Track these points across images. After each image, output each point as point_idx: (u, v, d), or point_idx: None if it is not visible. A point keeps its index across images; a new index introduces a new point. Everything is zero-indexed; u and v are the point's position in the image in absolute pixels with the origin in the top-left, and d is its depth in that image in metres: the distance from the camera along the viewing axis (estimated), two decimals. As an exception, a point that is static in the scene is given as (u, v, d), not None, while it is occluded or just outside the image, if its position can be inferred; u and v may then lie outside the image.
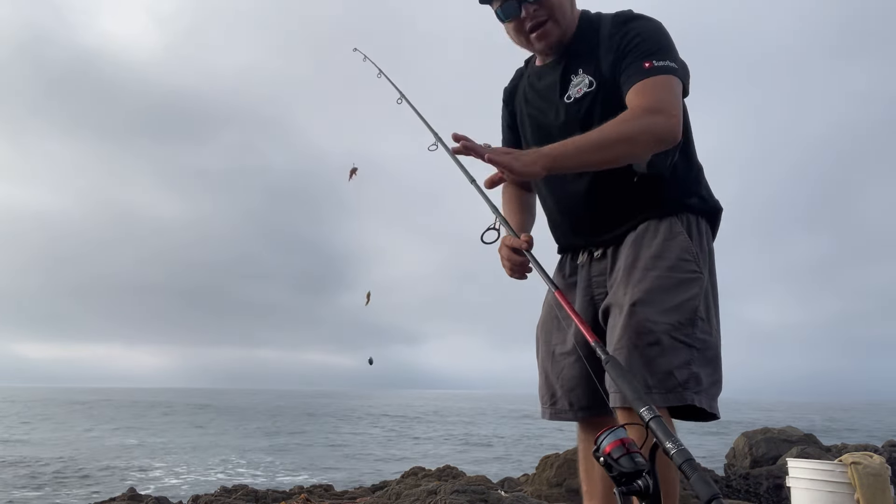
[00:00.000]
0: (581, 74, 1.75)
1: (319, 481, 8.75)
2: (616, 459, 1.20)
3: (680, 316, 1.60)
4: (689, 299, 1.62)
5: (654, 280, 1.61)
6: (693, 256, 1.67)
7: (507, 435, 28.80)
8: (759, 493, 6.61)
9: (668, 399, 1.55)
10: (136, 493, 6.38)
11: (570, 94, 1.77)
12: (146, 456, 18.52)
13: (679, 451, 1.08)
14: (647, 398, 1.23)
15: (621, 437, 1.22)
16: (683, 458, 1.06)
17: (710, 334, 1.65)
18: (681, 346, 1.59)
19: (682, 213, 1.72)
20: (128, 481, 12.19)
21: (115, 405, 58.71)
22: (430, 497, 4.26)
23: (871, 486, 3.47)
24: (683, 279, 1.63)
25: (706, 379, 1.62)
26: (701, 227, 1.75)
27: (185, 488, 12.25)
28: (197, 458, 18.29)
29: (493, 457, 19.47)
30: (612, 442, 1.21)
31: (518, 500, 4.26)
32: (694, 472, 1.04)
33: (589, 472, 1.89)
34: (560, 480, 5.87)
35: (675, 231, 1.68)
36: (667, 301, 1.60)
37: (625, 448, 1.20)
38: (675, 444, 1.10)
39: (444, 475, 6.77)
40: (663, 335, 1.57)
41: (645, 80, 1.60)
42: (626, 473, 1.18)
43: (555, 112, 1.82)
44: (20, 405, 56.39)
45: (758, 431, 8.69)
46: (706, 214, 1.78)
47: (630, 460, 1.19)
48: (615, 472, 1.20)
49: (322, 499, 6.19)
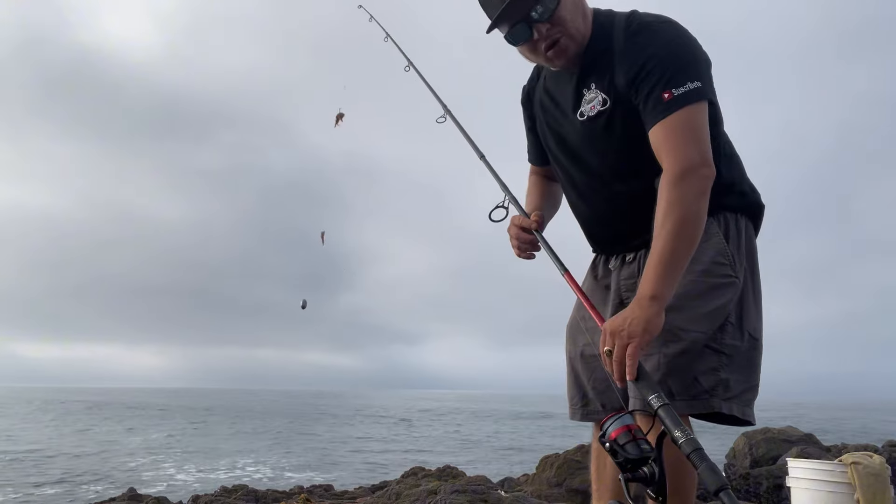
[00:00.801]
0: (594, 90, 1.67)
1: (320, 481, 8.74)
2: (622, 446, 1.20)
3: (711, 324, 1.56)
4: (722, 306, 1.58)
5: (687, 285, 1.56)
6: (728, 259, 1.62)
7: (506, 435, 28.79)
8: (759, 493, 6.61)
9: (693, 406, 1.52)
10: (136, 493, 6.38)
11: (584, 111, 1.69)
12: (149, 455, 18.51)
13: (688, 440, 1.08)
14: (657, 387, 1.22)
15: (628, 423, 1.23)
16: (692, 448, 1.06)
17: (741, 339, 1.61)
18: (709, 353, 1.56)
19: (718, 212, 1.65)
20: (130, 481, 12.19)
21: (116, 405, 58.70)
22: (430, 497, 4.26)
23: (871, 486, 3.47)
24: (717, 284, 1.59)
25: (737, 385, 1.58)
26: (740, 226, 1.69)
27: (195, 486, 12.24)
28: (197, 457, 18.28)
29: (493, 457, 19.46)
30: (618, 428, 1.22)
31: (518, 500, 4.26)
32: (703, 462, 1.04)
33: (600, 472, 1.86)
34: (560, 480, 5.87)
35: (711, 233, 1.63)
36: (698, 307, 1.56)
37: (631, 434, 1.21)
38: (684, 433, 1.09)
39: (444, 475, 6.77)
40: (691, 343, 1.54)
41: (666, 120, 1.52)
42: (631, 460, 1.18)
43: (570, 127, 1.76)
44: (20, 405, 56.36)
45: (758, 431, 8.68)
46: (746, 211, 1.72)
47: (636, 447, 1.19)
48: (620, 459, 1.20)
49: (322, 499, 6.19)
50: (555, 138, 1.84)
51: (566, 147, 1.80)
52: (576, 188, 1.84)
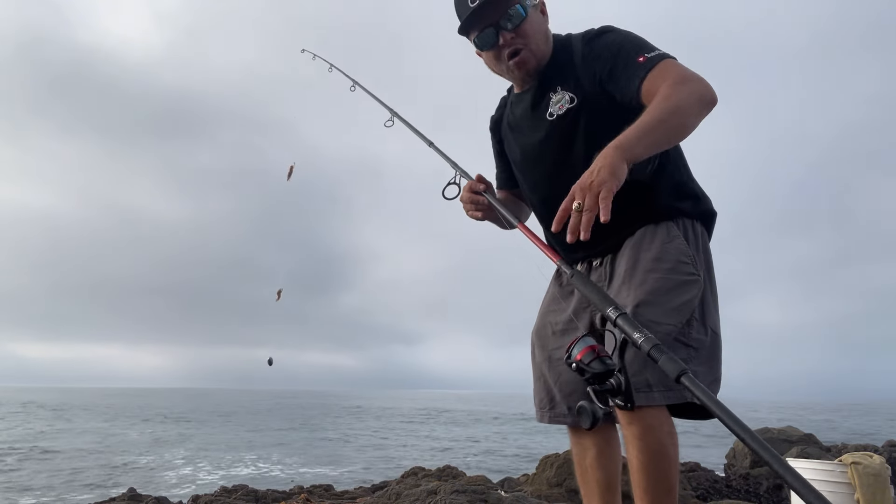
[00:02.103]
0: (560, 91, 1.79)
1: (320, 481, 8.74)
2: (588, 364, 1.31)
3: (681, 317, 1.63)
4: (688, 301, 1.65)
5: (656, 282, 1.64)
6: (690, 259, 1.70)
7: (506, 435, 28.80)
8: (759, 493, 6.61)
9: (668, 396, 1.57)
10: (136, 493, 6.37)
11: (553, 112, 1.80)
12: (150, 455, 18.52)
13: (647, 338, 1.13)
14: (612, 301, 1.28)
15: (591, 343, 1.34)
16: (651, 345, 1.12)
17: (705, 334, 1.68)
18: (679, 346, 1.62)
19: (677, 217, 1.75)
20: (135, 481, 12.19)
21: (117, 405, 58.70)
22: (430, 497, 4.26)
23: (871, 486, 3.47)
24: (683, 281, 1.66)
25: (704, 377, 1.64)
26: (697, 231, 1.78)
27: (209, 484, 12.25)
28: (199, 457, 18.29)
29: (492, 457, 19.47)
30: (582, 349, 1.34)
31: (518, 500, 4.26)
32: (662, 355, 1.09)
33: (584, 478, 1.90)
34: (560, 480, 5.87)
35: (673, 234, 1.72)
36: (668, 302, 1.63)
37: (595, 353, 1.32)
38: (643, 333, 1.14)
39: (444, 475, 6.77)
40: (663, 336, 1.59)
41: (652, 70, 1.60)
42: (597, 374, 1.30)
43: (539, 132, 1.85)
44: (20, 405, 56.36)
45: (758, 431, 8.68)
46: (700, 217, 1.81)
47: (601, 363, 1.31)
48: (587, 375, 1.31)
49: (322, 499, 6.19)
50: (521, 150, 1.94)
51: (534, 152, 1.88)
52: (544, 195, 1.91)
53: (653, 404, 1.55)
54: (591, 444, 1.87)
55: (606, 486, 1.85)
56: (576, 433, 1.90)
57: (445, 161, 1.98)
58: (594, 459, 1.86)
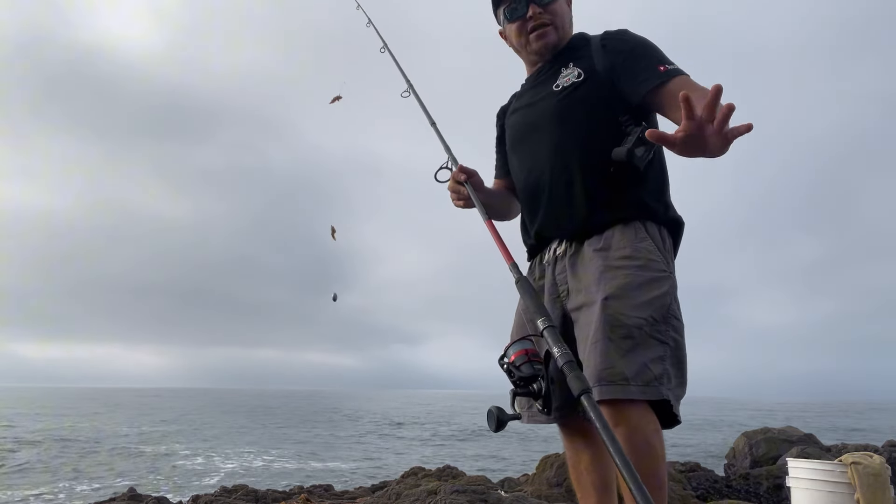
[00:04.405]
0: (571, 67, 1.87)
1: (320, 481, 8.75)
2: (518, 367, 1.38)
3: (652, 311, 1.63)
4: (660, 296, 1.65)
5: (626, 277, 1.66)
6: (660, 258, 1.71)
7: (506, 435, 28.80)
8: (759, 493, 6.61)
9: (646, 392, 1.57)
10: (136, 493, 6.37)
11: (559, 83, 1.88)
12: (151, 455, 18.52)
13: (563, 353, 1.20)
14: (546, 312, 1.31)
15: (526, 347, 1.40)
16: (565, 360, 1.18)
17: (682, 335, 1.68)
18: (654, 342, 1.62)
19: (647, 220, 1.77)
20: (130, 481, 12.19)
21: (117, 405, 58.71)
22: (430, 497, 4.26)
23: (871, 486, 3.47)
24: (654, 277, 1.67)
25: (675, 379, 1.64)
26: (664, 237, 1.79)
27: (209, 485, 12.25)
28: (199, 457, 18.29)
29: (492, 457, 19.47)
30: (517, 351, 1.40)
31: (518, 500, 4.26)
32: (572, 371, 1.15)
33: (580, 480, 1.89)
34: (560, 480, 5.87)
35: (641, 235, 1.74)
36: (638, 297, 1.64)
37: (527, 357, 1.39)
38: (562, 349, 1.20)
39: (444, 475, 6.78)
40: (635, 329, 1.60)
41: (667, 83, 1.66)
42: (523, 378, 1.37)
43: (540, 100, 1.92)
44: (20, 405, 56.36)
45: (758, 431, 8.69)
46: (668, 226, 1.81)
47: (530, 367, 1.37)
48: (515, 377, 1.38)
49: (322, 499, 6.19)
50: (521, 120, 1.99)
51: (531, 119, 1.94)
52: (530, 165, 1.93)
53: (630, 397, 1.55)
54: (585, 447, 1.86)
55: (603, 489, 1.84)
56: (569, 436, 1.90)
57: (441, 144, 2.06)
58: (589, 463, 1.85)
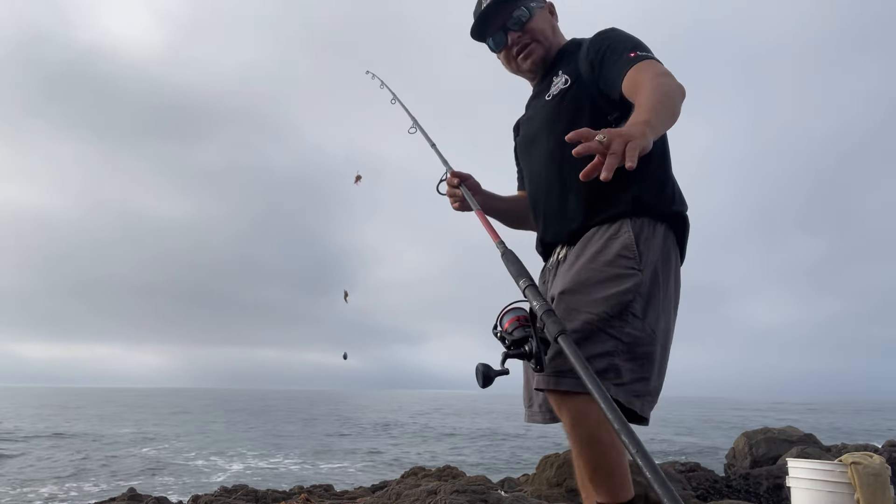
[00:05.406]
0: (560, 75, 1.93)
1: (320, 481, 8.75)
2: (510, 332, 1.43)
3: (607, 307, 1.61)
4: (620, 293, 1.63)
5: (587, 272, 1.67)
6: (633, 255, 1.68)
7: (506, 435, 28.80)
8: (759, 493, 6.61)
9: (581, 385, 1.56)
10: (136, 493, 6.37)
11: (551, 93, 1.93)
12: (150, 455, 18.53)
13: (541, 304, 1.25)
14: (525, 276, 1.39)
15: (518, 314, 1.45)
16: (544, 310, 1.25)
17: (644, 332, 1.64)
18: (605, 337, 1.60)
19: (638, 216, 1.73)
20: (132, 481, 12.19)
21: (117, 405, 58.73)
22: (430, 497, 4.26)
23: (871, 486, 3.47)
24: (617, 274, 1.66)
25: (628, 373, 1.61)
26: (657, 232, 1.74)
27: (209, 484, 12.25)
28: (198, 457, 18.30)
29: (492, 457, 19.47)
30: (510, 318, 1.45)
31: (518, 500, 4.26)
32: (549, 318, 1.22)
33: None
34: (560, 480, 5.87)
35: (622, 232, 1.71)
36: (594, 292, 1.64)
37: (518, 322, 1.44)
38: (541, 301, 1.27)
39: (444, 475, 6.77)
40: (585, 324, 1.59)
41: (638, 64, 1.67)
42: (515, 341, 1.42)
43: (538, 112, 1.98)
44: (20, 405, 56.37)
45: (758, 431, 8.69)
46: (668, 221, 1.77)
47: (521, 330, 1.42)
48: (508, 343, 1.43)
49: (322, 499, 6.19)
50: (523, 137, 2.08)
51: (531, 133, 2.01)
52: (531, 178, 2.02)
53: (561, 388, 1.56)
54: None
55: None
56: None
57: (438, 158, 2.21)
58: None
